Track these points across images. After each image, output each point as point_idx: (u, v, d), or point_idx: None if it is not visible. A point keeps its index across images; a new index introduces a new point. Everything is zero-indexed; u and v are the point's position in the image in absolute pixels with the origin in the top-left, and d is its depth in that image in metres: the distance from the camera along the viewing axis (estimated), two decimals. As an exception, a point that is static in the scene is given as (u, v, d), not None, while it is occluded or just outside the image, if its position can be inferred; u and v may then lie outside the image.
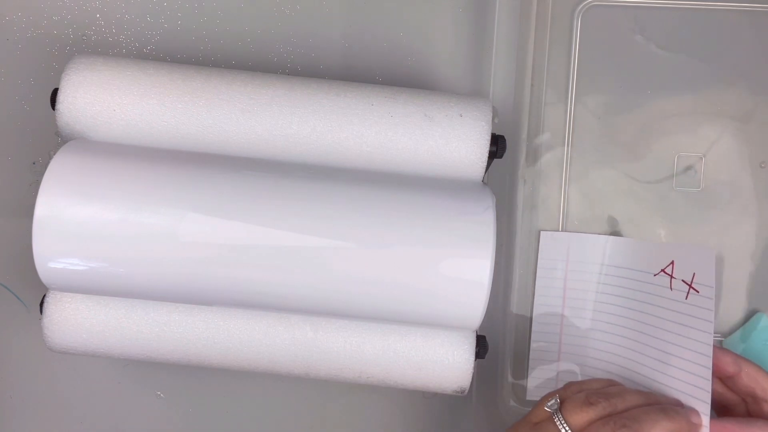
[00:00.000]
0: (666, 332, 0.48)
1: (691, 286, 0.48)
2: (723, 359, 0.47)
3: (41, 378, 0.57)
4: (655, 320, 0.49)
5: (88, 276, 0.44)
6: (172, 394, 0.57)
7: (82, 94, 0.46)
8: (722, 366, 0.47)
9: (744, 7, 0.53)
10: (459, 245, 0.43)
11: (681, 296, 0.48)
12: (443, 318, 0.45)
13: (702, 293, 0.47)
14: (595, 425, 0.43)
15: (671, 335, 0.48)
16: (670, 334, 0.48)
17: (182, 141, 0.46)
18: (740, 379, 0.47)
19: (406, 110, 0.46)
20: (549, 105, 0.54)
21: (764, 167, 0.53)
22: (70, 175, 0.43)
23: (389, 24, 0.54)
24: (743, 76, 0.53)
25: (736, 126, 0.53)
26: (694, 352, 0.46)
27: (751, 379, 0.47)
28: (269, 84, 0.46)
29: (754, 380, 0.47)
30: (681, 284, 0.48)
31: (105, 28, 0.55)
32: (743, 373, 0.47)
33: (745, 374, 0.47)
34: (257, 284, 0.44)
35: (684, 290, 0.48)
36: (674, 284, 0.49)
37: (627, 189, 0.54)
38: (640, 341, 0.50)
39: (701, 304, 0.47)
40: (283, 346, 0.47)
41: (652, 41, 0.53)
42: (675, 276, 0.49)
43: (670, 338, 0.48)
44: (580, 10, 0.53)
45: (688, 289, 0.48)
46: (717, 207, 0.54)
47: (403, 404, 0.57)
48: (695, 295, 0.47)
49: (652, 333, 0.49)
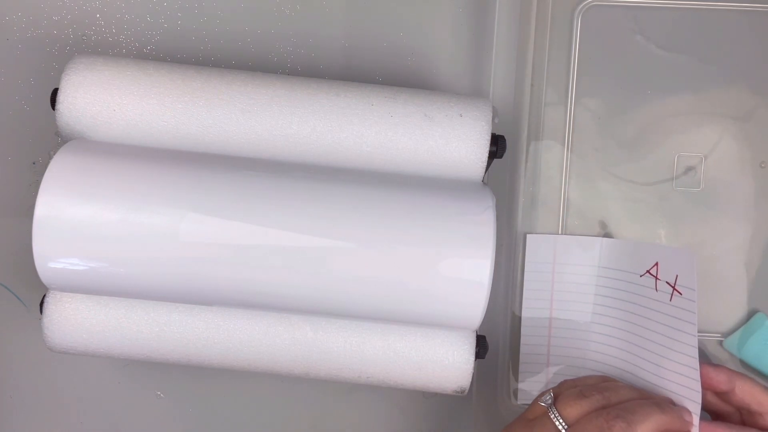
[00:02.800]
0: (653, 333, 0.49)
1: (674, 288, 0.48)
2: (716, 378, 0.47)
3: (41, 378, 0.57)
4: (642, 321, 0.50)
5: (88, 276, 0.44)
6: (172, 394, 0.57)
7: (82, 94, 0.46)
8: (715, 384, 0.47)
9: (744, 7, 0.53)
10: (459, 245, 0.43)
11: (665, 297, 0.48)
12: (443, 318, 0.45)
13: (685, 295, 0.47)
14: (588, 416, 0.44)
15: (658, 336, 0.48)
16: (657, 335, 0.48)
17: (182, 141, 0.46)
18: (734, 395, 0.47)
19: (406, 110, 0.46)
20: (549, 105, 0.54)
21: (764, 167, 0.53)
22: (70, 175, 0.43)
23: (389, 24, 0.54)
24: (743, 76, 0.53)
25: (736, 126, 0.53)
26: (681, 353, 0.46)
27: (746, 394, 0.47)
28: (269, 84, 0.46)
29: (749, 395, 0.47)
30: (665, 286, 0.48)
31: (105, 28, 0.55)
32: (737, 389, 0.47)
33: (739, 390, 0.47)
34: (257, 284, 0.44)
35: (668, 292, 0.48)
36: (659, 285, 0.49)
37: (627, 189, 0.54)
38: (629, 341, 0.50)
39: (684, 306, 0.47)
40: (283, 346, 0.47)
41: (652, 41, 0.53)
42: (659, 277, 0.49)
43: (657, 339, 0.48)
44: (580, 10, 0.53)
45: (672, 291, 0.48)
46: (717, 207, 0.54)
47: (403, 404, 0.57)
48: (678, 297, 0.48)
49: (641, 333, 0.50)
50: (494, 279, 0.44)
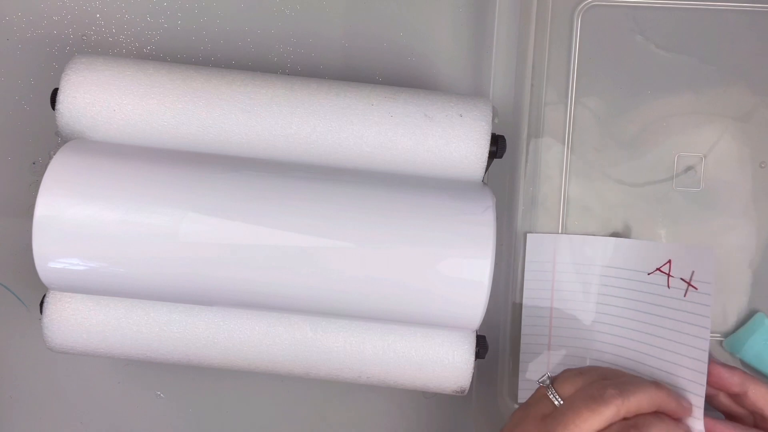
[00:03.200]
0: (661, 328, 0.49)
1: (689, 284, 0.48)
2: (729, 379, 0.47)
3: (41, 378, 0.57)
4: (650, 317, 0.50)
5: (88, 276, 0.44)
6: (172, 394, 0.57)
7: (82, 94, 0.46)
8: (727, 385, 0.47)
9: (744, 7, 0.53)
10: (459, 245, 0.43)
11: (679, 294, 0.48)
12: (443, 318, 0.45)
13: (701, 290, 0.48)
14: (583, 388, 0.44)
15: (667, 331, 0.48)
16: (667, 330, 0.48)
17: (182, 141, 0.46)
18: (747, 398, 0.47)
19: (406, 110, 0.46)
20: (549, 105, 0.54)
21: (764, 167, 0.53)
22: (70, 175, 0.43)
23: (389, 24, 0.54)
24: (743, 76, 0.53)
25: (736, 126, 0.53)
26: (691, 347, 0.47)
27: (759, 399, 0.46)
28: (269, 84, 0.46)
29: (762, 400, 0.46)
30: (679, 282, 0.49)
31: (105, 28, 0.55)
32: (750, 393, 0.46)
33: (752, 394, 0.46)
34: (257, 284, 0.44)
35: (682, 288, 0.48)
36: (672, 282, 0.49)
37: (627, 189, 0.54)
38: (633, 339, 0.50)
39: (700, 301, 0.47)
40: (283, 346, 0.47)
41: (652, 41, 0.53)
42: (672, 275, 0.49)
43: (666, 334, 0.48)
44: (580, 10, 0.53)
45: (687, 287, 0.48)
46: (717, 207, 0.54)
47: (403, 404, 0.57)
48: (694, 292, 0.48)
49: (647, 330, 0.50)
50: (494, 279, 0.44)
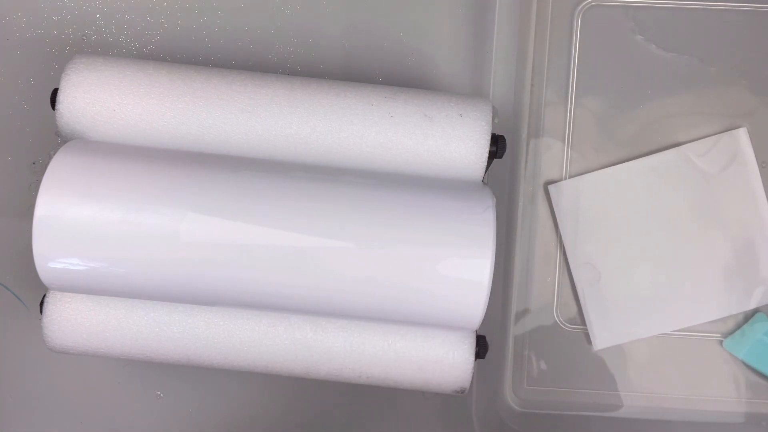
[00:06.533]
0: None
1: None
2: None
3: (41, 378, 0.57)
4: None
5: (88, 276, 0.44)
6: (172, 394, 0.57)
7: (82, 94, 0.46)
8: None
9: (744, 7, 0.53)
10: (459, 245, 0.43)
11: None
12: (443, 318, 0.45)
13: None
14: None
15: None
16: None
17: (182, 141, 0.46)
18: None
19: (406, 110, 0.46)
20: (549, 105, 0.54)
21: (764, 167, 0.53)
22: (70, 175, 0.43)
23: (389, 24, 0.54)
24: (743, 76, 0.53)
25: (736, 126, 0.53)
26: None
27: None
28: (269, 84, 0.46)
29: None
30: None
31: (105, 28, 0.55)
32: None
33: None
34: (257, 284, 0.44)
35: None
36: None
37: (627, 189, 0.54)
38: None
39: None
40: (283, 346, 0.47)
41: (652, 41, 0.53)
42: None
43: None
44: (580, 10, 0.53)
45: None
46: (717, 207, 0.54)
47: (403, 404, 0.57)
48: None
49: None
50: (494, 278, 0.44)
